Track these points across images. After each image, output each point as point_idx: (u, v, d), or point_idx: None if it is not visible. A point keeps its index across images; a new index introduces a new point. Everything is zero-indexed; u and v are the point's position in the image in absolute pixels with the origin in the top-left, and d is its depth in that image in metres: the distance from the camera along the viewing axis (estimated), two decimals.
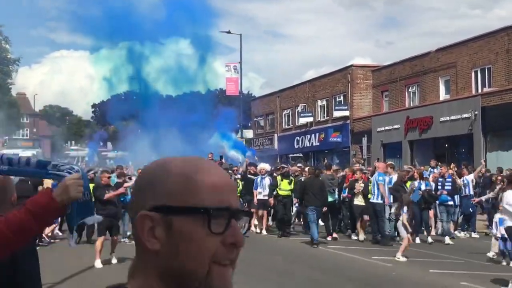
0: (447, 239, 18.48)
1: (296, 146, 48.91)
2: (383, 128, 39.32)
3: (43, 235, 15.97)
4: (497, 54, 32.06)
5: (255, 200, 21.10)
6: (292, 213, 22.28)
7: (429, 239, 18.67)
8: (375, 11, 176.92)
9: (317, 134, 47.09)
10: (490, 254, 15.20)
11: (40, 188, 15.91)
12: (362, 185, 19.33)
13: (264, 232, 21.23)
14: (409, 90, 39.59)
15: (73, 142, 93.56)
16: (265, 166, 23.11)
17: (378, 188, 18.40)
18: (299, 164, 27.14)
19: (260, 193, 21.05)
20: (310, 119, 48.31)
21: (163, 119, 40.29)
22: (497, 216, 14.33)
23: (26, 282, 3.31)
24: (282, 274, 13.49)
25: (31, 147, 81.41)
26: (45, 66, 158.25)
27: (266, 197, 20.88)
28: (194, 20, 41.26)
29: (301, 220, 22.54)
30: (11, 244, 2.79)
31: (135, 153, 42.38)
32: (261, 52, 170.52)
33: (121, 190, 14.33)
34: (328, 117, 46.88)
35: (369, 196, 18.83)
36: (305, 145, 48.34)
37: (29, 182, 15.31)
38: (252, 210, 20.11)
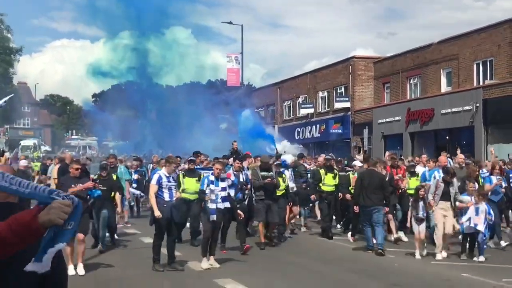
0: None
1: (296, 138, 48.85)
2: (384, 120, 39.34)
3: None
4: (499, 46, 32.01)
5: None
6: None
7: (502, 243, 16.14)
8: (378, 2, 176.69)
9: (318, 126, 47.11)
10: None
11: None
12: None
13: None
14: (411, 82, 39.58)
15: (74, 131, 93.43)
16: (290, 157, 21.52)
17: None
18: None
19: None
20: (311, 110, 48.31)
21: (166, 109, 40.29)
22: (473, 206, 14.12)
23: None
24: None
25: (32, 136, 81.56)
26: (46, 55, 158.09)
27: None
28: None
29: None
30: None
31: (135, 142, 42.50)
32: (262, 43, 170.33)
33: (87, 184, 12.30)
34: (329, 109, 46.89)
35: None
36: (306, 137, 48.34)
37: None
38: None
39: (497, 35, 32.25)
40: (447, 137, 33.25)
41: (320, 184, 17.96)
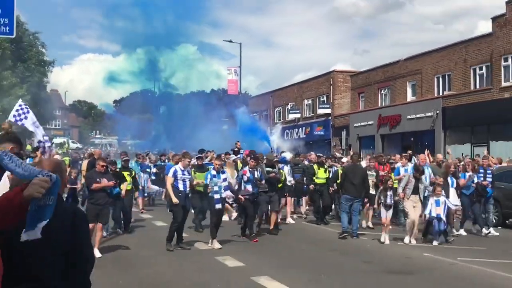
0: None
1: (285, 138, 48.87)
2: (359, 124, 39.41)
3: None
4: (456, 63, 32.15)
5: None
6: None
7: (484, 231, 15.68)
8: (354, 24, 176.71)
9: (303, 128, 47.18)
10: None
11: None
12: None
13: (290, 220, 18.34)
14: (381, 92, 39.66)
15: (97, 131, 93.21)
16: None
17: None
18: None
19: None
20: (298, 115, 48.36)
21: (176, 113, 40.19)
22: (433, 199, 14.00)
23: (83, 242, 3.37)
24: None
25: (62, 135, 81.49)
26: (74, 67, 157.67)
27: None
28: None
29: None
30: None
31: (149, 141, 42.44)
32: (257, 58, 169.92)
33: (110, 183, 12.03)
34: (313, 114, 46.95)
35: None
36: (294, 137, 48.40)
37: None
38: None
39: (453, 53, 32.38)
40: (412, 139, 33.32)
41: (314, 178, 17.89)
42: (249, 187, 13.96)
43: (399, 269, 11.05)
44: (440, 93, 33.08)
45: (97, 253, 10.94)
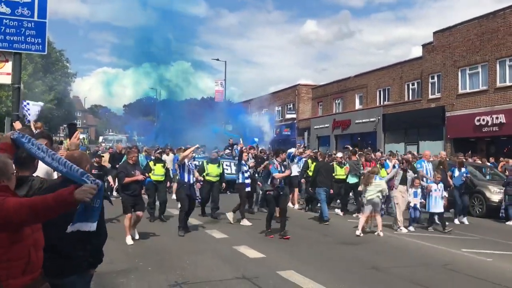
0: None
1: (257, 140, 48.58)
2: (318, 126, 39.53)
3: None
4: (393, 79, 32.42)
5: None
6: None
7: (466, 221, 14.56)
8: (315, 48, 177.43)
9: (274, 129, 47.16)
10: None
11: None
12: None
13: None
14: (336, 102, 39.81)
15: (110, 130, 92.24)
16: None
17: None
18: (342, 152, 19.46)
19: None
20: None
21: (175, 116, 39.70)
22: (412, 190, 12.69)
23: (98, 231, 3.28)
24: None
25: (82, 133, 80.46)
26: (92, 78, 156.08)
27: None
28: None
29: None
30: (37, 219, 2.73)
31: (152, 138, 42.04)
32: (239, 73, 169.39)
33: (140, 177, 10.01)
34: (282, 118, 46.97)
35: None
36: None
37: None
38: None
39: (392, 72, 32.65)
40: (359, 139, 33.55)
41: (308, 171, 16.00)
42: (277, 181, 11.30)
43: (351, 241, 11.04)
44: (381, 103, 33.30)
45: (129, 240, 9.77)
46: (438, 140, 27.11)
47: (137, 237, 10.25)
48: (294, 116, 44.21)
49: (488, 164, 19.94)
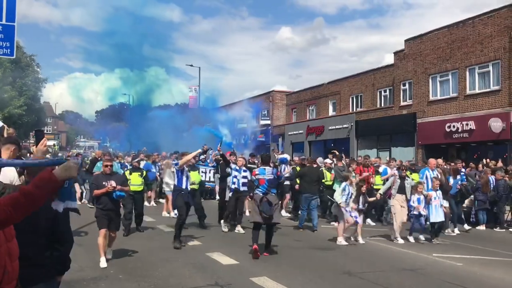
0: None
1: (234, 143, 48.62)
2: (292, 133, 39.59)
3: None
4: (366, 86, 32.77)
5: None
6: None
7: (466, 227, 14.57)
8: (290, 55, 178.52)
9: (249, 135, 47.10)
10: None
11: None
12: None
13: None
14: (310, 108, 39.99)
15: (81, 136, 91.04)
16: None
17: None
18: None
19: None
20: (245, 125, 48.20)
21: (147, 121, 39.23)
22: (416, 197, 12.04)
23: (63, 230, 3.26)
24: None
25: (52, 139, 79.21)
26: (63, 83, 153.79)
27: None
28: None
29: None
30: (24, 210, 2.53)
31: (124, 144, 41.53)
32: (213, 79, 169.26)
33: (108, 188, 8.49)
34: (257, 124, 46.99)
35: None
36: (241, 143, 48.20)
37: None
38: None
39: (364, 79, 32.97)
40: (332, 145, 33.68)
41: (297, 179, 15.20)
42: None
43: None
44: (354, 110, 33.52)
45: (103, 263, 8.37)
46: (410, 146, 27.48)
47: (109, 256, 8.89)
48: (269, 122, 44.28)
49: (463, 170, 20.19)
